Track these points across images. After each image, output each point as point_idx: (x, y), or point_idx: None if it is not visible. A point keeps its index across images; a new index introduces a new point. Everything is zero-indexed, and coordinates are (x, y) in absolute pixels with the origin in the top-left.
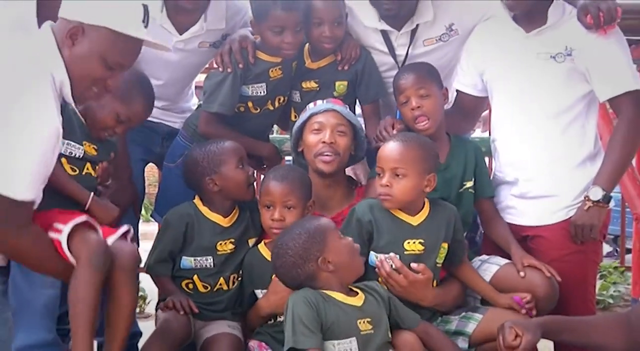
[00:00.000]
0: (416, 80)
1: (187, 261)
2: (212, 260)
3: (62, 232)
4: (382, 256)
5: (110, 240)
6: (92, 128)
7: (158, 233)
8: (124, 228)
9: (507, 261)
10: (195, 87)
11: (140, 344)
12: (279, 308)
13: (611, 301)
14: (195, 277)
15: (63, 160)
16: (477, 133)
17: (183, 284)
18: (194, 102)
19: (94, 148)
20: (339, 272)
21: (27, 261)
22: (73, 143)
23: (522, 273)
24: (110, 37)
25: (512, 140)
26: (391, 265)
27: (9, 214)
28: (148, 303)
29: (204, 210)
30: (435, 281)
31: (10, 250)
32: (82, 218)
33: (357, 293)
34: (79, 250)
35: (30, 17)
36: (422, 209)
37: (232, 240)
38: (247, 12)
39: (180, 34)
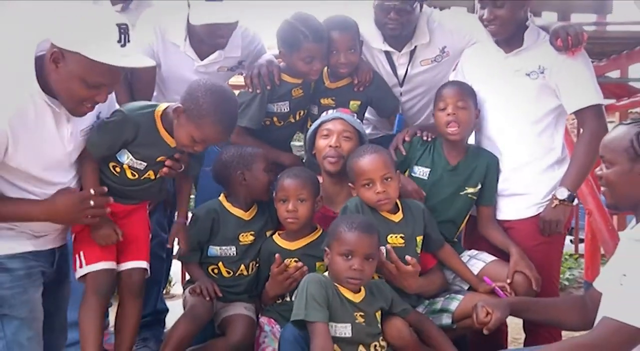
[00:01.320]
0: (458, 92)
1: (214, 250)
2: (234, 249)
3: (82, 267)
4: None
5: (129, 265)
6: (177, 147)
7: (189, 225)
8: (143, 264)
9: (493, 258)
10: None
11: (167, 319)
12: (283, 290)
13: (567, 283)
14: (220, 264)
15: (125, 167)
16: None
17: (209, 269)
18: None
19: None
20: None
21: None
22: (138, 161)
23: (509, 280)
24: (86, 61)
25: (492, 144)
26: (385, 256)
27: None
28: (173, 285)
29: (228, 205)
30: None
31: None
32: (102, 265)
33: (360, 291)
34: (90, 280)
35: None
36: (399, 209)
37: (252, 232)
38: (261, 42)
39: (202, 60)
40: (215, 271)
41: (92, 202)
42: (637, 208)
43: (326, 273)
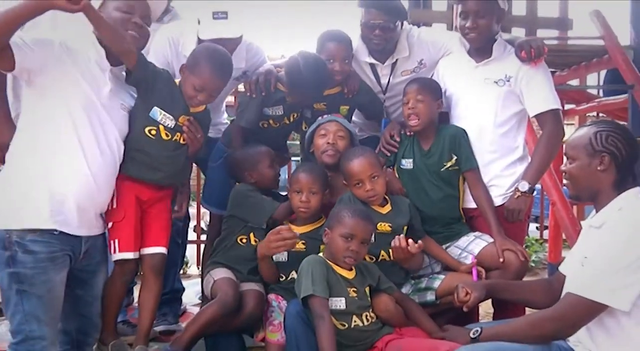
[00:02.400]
0: (417, 88)
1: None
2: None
3: (115, 253)
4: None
5: (150, 250)
6: (186, 100)
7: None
8: (162, 250)
9: (492, 240)
10: (226, 106)
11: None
12: (268, 251)
13: (533, 265)
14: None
15: (160, 126)
16: None
17: (238, 239)
18: (224, 117)
19: (185, 119)
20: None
21: None
22: (168, 114)
23: (501, 259)
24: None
25: None
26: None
27: None
28: (190, 267)
29: None
30: None
31: None
32: (130, 255)
33: (352, 270)
34: (118, 266)
35: None
36: (387, 203)
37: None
38: (263, 55)
39: None
40: (244, 240)
41: None
42: (595, 199)
43: (321, 254)
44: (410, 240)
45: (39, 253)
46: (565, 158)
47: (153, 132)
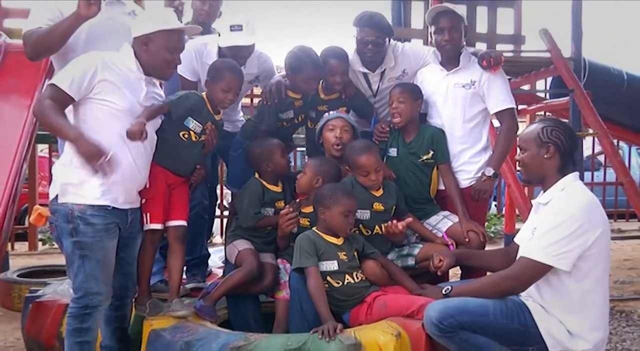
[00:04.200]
0: (398, 91)
1: (264, 211)
2: (273, 211)
3: (147, 224)
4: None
5: (172, 223)
6: (216, 105)
7: (244, 197)
8: (183, 223)
9: (458, 220)
10: (242, 106)
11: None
12: (281, 231)
13: (492, 235)
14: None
15: (191, 132)
16: None
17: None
18: (240, 115)
19: (212, 126)
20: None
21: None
22: (197, 122)
23: (466, 239)
24: (166, 34)
25: None
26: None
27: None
28: (215, 237)
29: (265, 183)
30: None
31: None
32: (158, 226)
33: (339, 237)
34: (149, 234)
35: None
36: (380, 188)
37: (283, 201)
38: (272, 62)
39: None
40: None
41: None
42: (543, 182)
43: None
44: (400, 222)
45: (97, 225)
46: (518, 149)
47: (185, 136)
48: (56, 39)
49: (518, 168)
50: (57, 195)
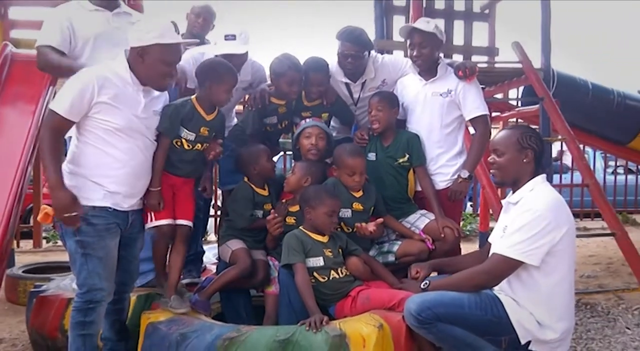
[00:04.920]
0: (377, 100)
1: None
2: (262, 213)
3: (152, 221)
4: (363, 224)
5: (179, 222)
6: (214, 105)
7: (235, 199)
8: (189, 223)
9: (434, 218)
10: (236, 113)
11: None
12: (272, 232)
13: (468, 233)
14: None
15: (183, 140)
16: None
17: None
18: (234, 121)
19: (207, 130)
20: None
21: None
22: (188, 131)
23: (442, 235)
24: (162, 47)
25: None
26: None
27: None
28: (209, 235)
29: (253, 186)
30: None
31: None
32: (166, 221)
33: (325, 235)
34: (159, 230)
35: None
36: (360, 189)
37: (270, 203)
38: (264, 70)
39: None
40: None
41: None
42: (516, 183)
43: (301, 227)
44: (369, 225)
45: (97, 225)
46: (493, 153)
47: (179, 143)
48: (61, 75)
49: (491, 170)
50: None
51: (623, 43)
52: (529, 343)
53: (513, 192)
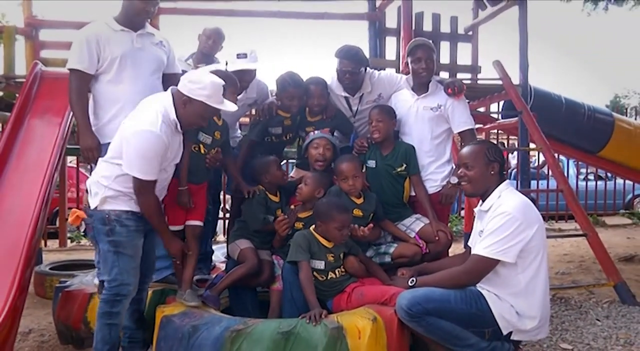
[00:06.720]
0: (377, 112)
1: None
2: (273, 218)
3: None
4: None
5: (191, 223)
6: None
7: (251, 204)
8: (199, 223)
9: (429, 221)
10: (240, 125)
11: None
12: (280, 232)
13: (454, 233)
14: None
15: (201, 145)
16: None
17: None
18: (239, 133)
19: (220, 134)
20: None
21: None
22: (206, 134)
23: (436, 237)
24: (205, 106)
25: None
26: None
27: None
28: (218, 235)
29: (267, 194)
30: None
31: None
32: (177, 227)
33: (331, 241)
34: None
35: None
36: (361, 197)
37: (281, 209)
38: (268, 88)
39: None
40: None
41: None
42: (485, 193)
43: (312, 228)
44: (363, 228)
45: (130, 227)
46: (462, 167)
47: (196, 148)
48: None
49: (462, 183)
50: (96, 206)
51: (616, 42)
52: (510, 333)
53: (483, 201)
